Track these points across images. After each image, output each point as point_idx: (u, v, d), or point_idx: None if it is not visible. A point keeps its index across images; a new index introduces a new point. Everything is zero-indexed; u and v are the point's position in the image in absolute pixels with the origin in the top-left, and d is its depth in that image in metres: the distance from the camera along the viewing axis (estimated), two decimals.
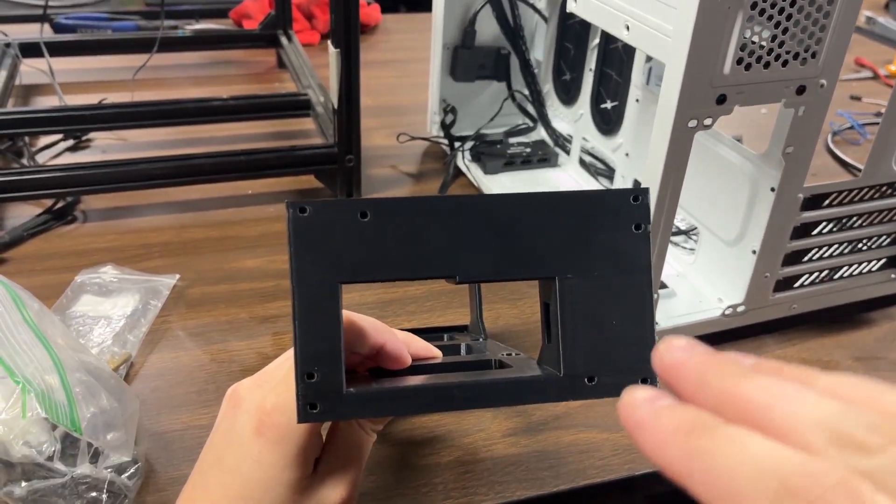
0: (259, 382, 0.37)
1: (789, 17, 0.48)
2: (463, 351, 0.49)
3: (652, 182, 0.52)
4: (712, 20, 0.47)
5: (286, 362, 0.37)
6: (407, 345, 0.40)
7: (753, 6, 0.47)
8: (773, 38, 0.49)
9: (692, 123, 0.50)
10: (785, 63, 0.50)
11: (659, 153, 0.51)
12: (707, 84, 0.49)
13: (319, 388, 0.32)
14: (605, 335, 0.34)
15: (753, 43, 0.48)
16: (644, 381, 0.34)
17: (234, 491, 0.35)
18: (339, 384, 0.32)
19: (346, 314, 0.36)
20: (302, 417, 0.32)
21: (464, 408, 0.34)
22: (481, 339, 0.53)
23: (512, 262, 0.34)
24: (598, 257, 0.34)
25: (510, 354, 0.45)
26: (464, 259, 0.33)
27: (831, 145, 0.99)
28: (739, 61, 0.49)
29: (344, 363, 0.32)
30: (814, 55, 0.51)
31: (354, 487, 0.38)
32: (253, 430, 0.35)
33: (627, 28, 0.54)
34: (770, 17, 0.48)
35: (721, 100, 0.50)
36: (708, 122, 0.50)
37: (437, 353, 0.41)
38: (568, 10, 0.62)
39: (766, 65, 0.50)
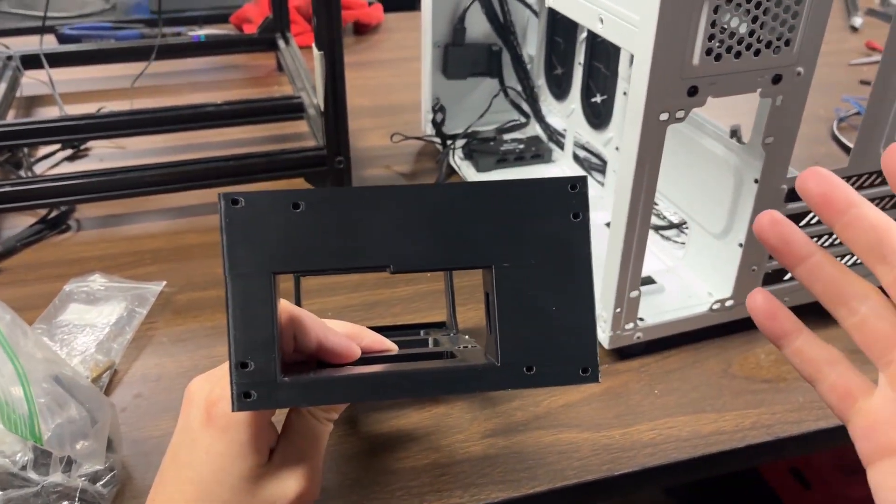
0: (208, 377, 0.38)
1: (759, 6, 0.47)
2: (430, 345, 0.48)
3: (626, 176, 0.51)
4: (677, 10, 0.45)
5: None
6: (357, 338, 0.40)
7: None
8: (744, 27, 0.48)
9: (664, 116, 0.49)
10: (757, 52, 0.49)
11: (631, 147, 0.50)
12: (676, 76, 0.48)
13: (254, 377, 0.32)
14: (544, 324, 0.33)
15: (723, 32, 0.47)
16: (584, 372, 0.33)
17: (188, 485, 0.35)
18: (274, 373, 0.32)
19: (288, 307, 0.36)
20: (236, 406, 0.32)
21: (397, 397, 0.34)
22: (452, 334, 0.52)
23: (447, 251, 0.33)
24: (536, 246, 0.33)
25: (467, 347, 0.45)
26: (399, 249, 0.33)
27: (836, 132, 0.96)
28: (709, 52, 0.47)
29: (279, 352, 0.32)
30: (787, 43, 0.49)
31: (313, 478, 0.38)
32: (201, 422, 0.36)
33: (601, 21, 0.53)
34: (739, 6, 0.47)
35: (692, 91, 0.49)
36: (680, 114, 0.49)
37: (391, 345, 0.41)
38: (546, 5, 0.62)
39: (738, 55, 0.48)
